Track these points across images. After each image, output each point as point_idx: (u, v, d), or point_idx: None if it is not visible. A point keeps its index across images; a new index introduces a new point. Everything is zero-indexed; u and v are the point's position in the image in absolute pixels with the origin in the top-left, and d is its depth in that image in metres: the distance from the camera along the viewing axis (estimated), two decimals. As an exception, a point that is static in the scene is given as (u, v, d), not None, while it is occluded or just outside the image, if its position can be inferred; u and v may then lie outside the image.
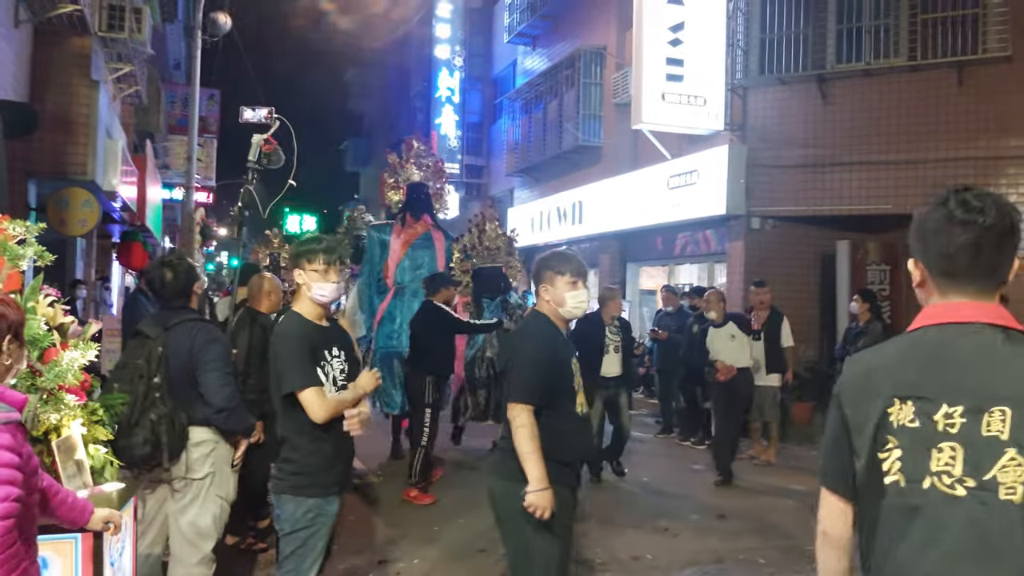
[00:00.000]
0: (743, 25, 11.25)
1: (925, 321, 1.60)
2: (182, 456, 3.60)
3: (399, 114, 28.20)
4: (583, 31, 15.86)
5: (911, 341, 1.60)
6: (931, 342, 1.57)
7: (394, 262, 8.04)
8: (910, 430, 1.52)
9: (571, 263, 3.29)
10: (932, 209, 1.59)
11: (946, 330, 1.57)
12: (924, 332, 1.59)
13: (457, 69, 21.45)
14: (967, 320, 1.56)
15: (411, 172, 8.57)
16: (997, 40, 9.50)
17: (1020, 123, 9.60)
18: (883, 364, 1.60)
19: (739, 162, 10.99)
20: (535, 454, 2.99)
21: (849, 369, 1.67)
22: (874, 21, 10.35)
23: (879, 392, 1.57)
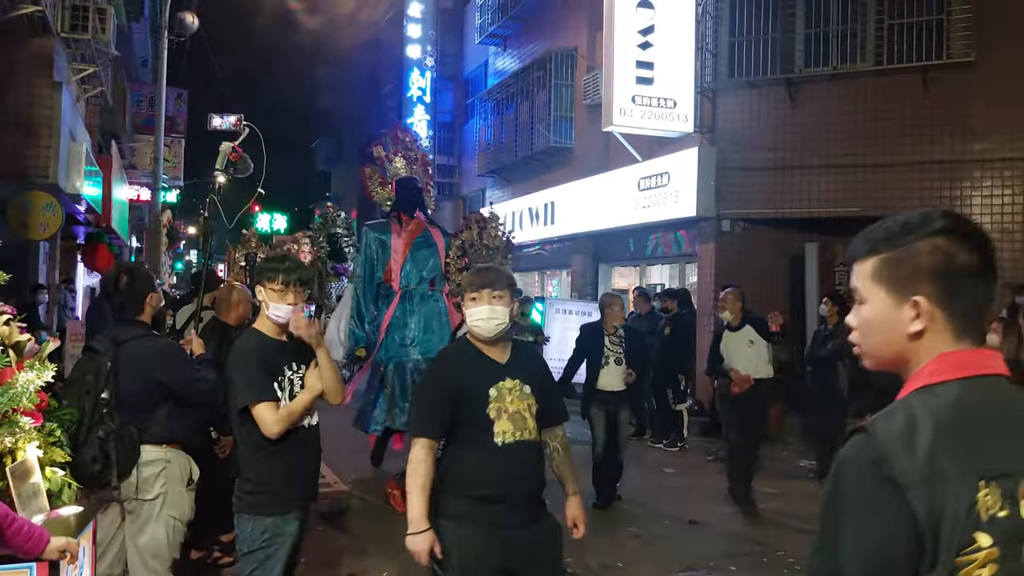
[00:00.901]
0: (712, 28, 11.31)
1: (948, 374, 1.27)
2: (133, 475, 3.51)
3: (370, 113, 28.03)
4: (554, 33, 15.86)
5: (951, 401, 1.25)
6: (980, 401, 1.26)
7: (398, 264, 7.47)
8: (1001, 521, 1.16)
9: (473, 276, 3.08)
10: (935, 231, 1.30)
11: (982, 384, 1.28)
12: (957, 388, 1.26)
13: (428, 69, 21.37)
14: (994, 372, 1.30)
15: (399, 166, 7.97)
16: (961, 45, 9.64)
17: (984, 127, 9.75)
18: (938, 433, 1.20)
19: (709, 164, 11.05)
20: (415, 492, 2.83)
21: (891, 440, 1.22)
22: (841, 26, 10.46)
23: (956, 474, 1.17)
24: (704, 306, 11.36)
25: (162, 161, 16.52)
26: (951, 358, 1.29)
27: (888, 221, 1.35)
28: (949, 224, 1.30)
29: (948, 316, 1.29)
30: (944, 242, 1.29)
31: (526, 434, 2.91)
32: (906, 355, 1.33)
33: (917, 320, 1.29)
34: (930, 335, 1.30)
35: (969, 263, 1.28)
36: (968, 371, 1.27)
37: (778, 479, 8.01)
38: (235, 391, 3.15)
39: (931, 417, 1.21)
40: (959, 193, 9.93)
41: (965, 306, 1.30)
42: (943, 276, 1.28)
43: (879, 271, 1.33)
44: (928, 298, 1.29)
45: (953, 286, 1.29)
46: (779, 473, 8.33)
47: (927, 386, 1.27)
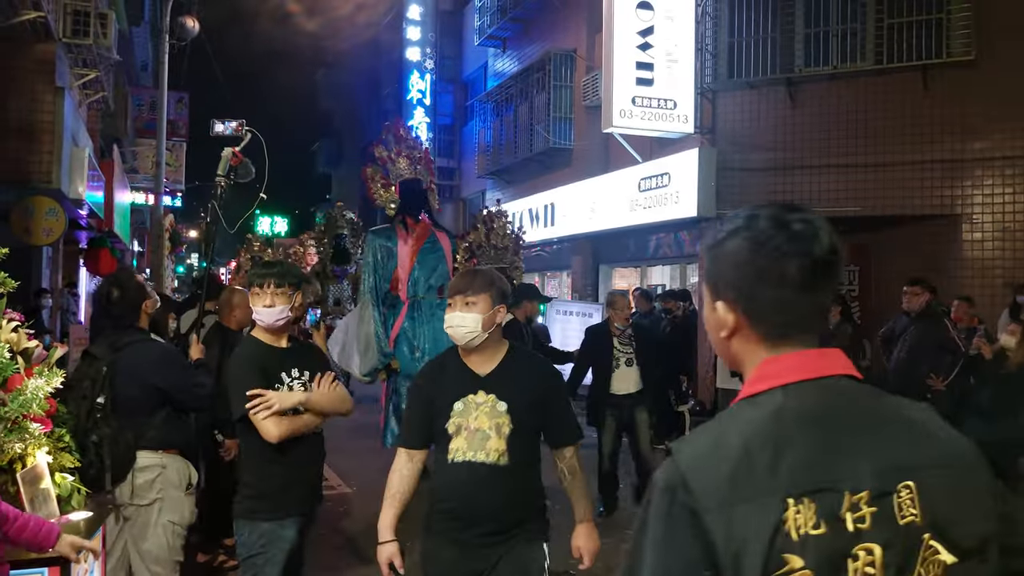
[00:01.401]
0: (712, 29, 11.33)
1: (771, 381, 1.17)
2: (128, 480, 3.52)
3: (369, 116, 28.08)
4: (553, 34, 15.88)
5: (770, 411, 1.14)
6: (801, 408, 1.13)
7: (405, 272, 7.06)
8: (816, 540, 1.06)
9: (452, 280, 2.96)
10: (744, 233, 1.21)
11: (808, 389, 1.16)
12: (780, 396, 1.15)
13: (428, 71, 21.40)
14: (827, 372, 1.18)
15: (402, 166, 7.55)
16: (961, 44, 9.65)
17: (984, 126, 9.76)
18: (745, 450, 1.10)
19: (709, 165, 11.07)
20: (385, 501, 2.82)
21: (693, 461, 1.13)
22: (841, 25, 10.47)
23: (759, 493, 1.07)
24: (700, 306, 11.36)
25: (164, 165, 16.55)
26: (773, 364, 1.20)
27: (727, 224, 1.28)
28: (752, 226, 1.20)
29: (753, 322, 1.21)
30: (742, 245, 1.20)
31: (482, 455, 2.68)
32: (734, 358, 1.27)
33: (726, 323, 1.24)
34: (739, 340, 1.24)
35: (769, 269, 1.17)
36: (793, 376, 1.17)
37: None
38: (232, 399, 3.15)
39: (741, 432, 1.12)
40: (960, 192, 9.94)
41: (773, 313, 1.19)
42: (739, 281, 1.21)
43: (706, 271, 1.29)
44: (727, 303, 1.23)
45: (752, 292, 1.20)
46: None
47: (749, 396, 1.19)
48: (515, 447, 2.69)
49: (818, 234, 1.19)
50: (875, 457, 1.11)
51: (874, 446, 1.12)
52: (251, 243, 13.42)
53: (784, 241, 1.17)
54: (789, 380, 1.17)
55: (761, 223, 1.19)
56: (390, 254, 7.11)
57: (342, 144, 33.51)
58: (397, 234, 7.15)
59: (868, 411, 1.16)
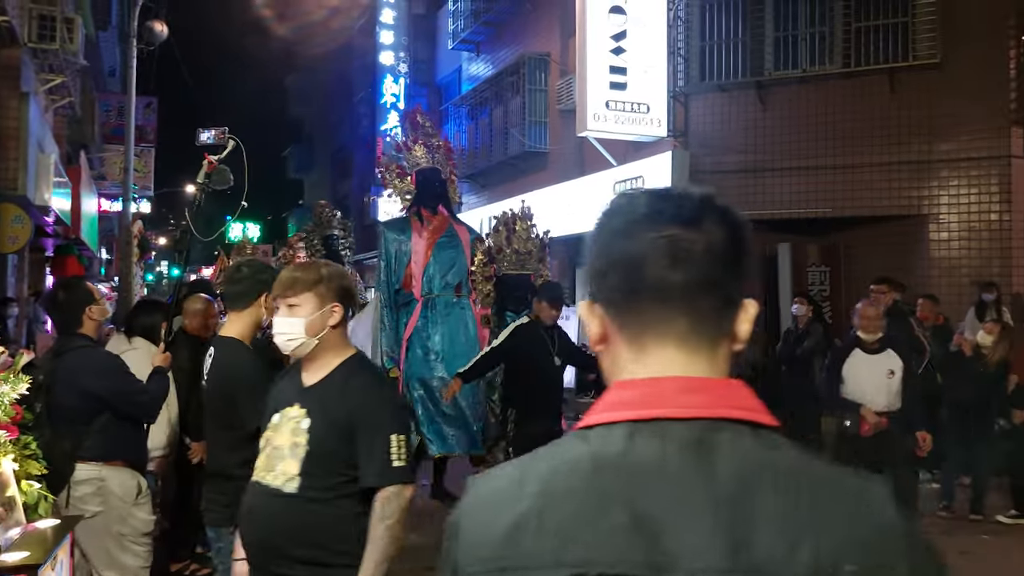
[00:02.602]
0: (684, 33, 11.42)
1: (611, 412, 0.88)
2: (64, 492, 3.42)
3: (342, 120, 27.95)
4: (527, 38, 15.92)
5: (591, 454, 0.86)
6: (633, 458, 0.84)
7: (420, 267, 6.48)
8: None
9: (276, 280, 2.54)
10: (613, 219, 0.95)
11: (657, 433, 0.85)
12: (617, 435, 0.86)
13: (402, 75, 21.35)
14: (683, 415, 0.85)
15: (419, 155, 7.03)
16: (927, 47, 9.81)
17: (949, 127, 9.93)
18: (540, 503, 0.84)
19: (682, 168, 11.14)
20: None
21: (476, 504, 0.90)
22: (809, 29, 10.60)
23: (536, 564, 0.82)
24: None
25: (132, 171, 16.34)
26: (621, 390, 0.90)
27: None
28: (620, 209, 0.95)
29: (621, 326, 0.92)
30: (607, 228, 0.95)
31: (270, 477, 2.31)
32: (607, 378, 0.96)
33: (593, 329, 0.96)
34: (611, 350, 0.94)
35: (655, 262, 0.89)
36: (639, 409, 0.86)
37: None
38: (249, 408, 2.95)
39: (543, 477, 0.86)
40: (927, 193, 10.10)
41: (644, 312, 0.90)
42: (608, 276, 0.93)
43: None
44: (594, 300, 0.95)
45: (620, 289, 0.92)
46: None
47: (584, 427, 0.90)
48: (311, 474, 2.26)
49: (703, 216, 0.91)
50: (712, 550, 0.78)
51: (719, 533, 0.78)
52: (242, 247, 13.12)
53: (651, 222, 0.91)
54: (634, 415, 0.86)
55: (634, 203, 0.94)
56: (404, 248, 6.60)
57: (314, 150, 33.33)
58: (412, 226, 6.64)
59: (737, 480, 0.81)
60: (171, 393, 4.16)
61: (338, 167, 29.36)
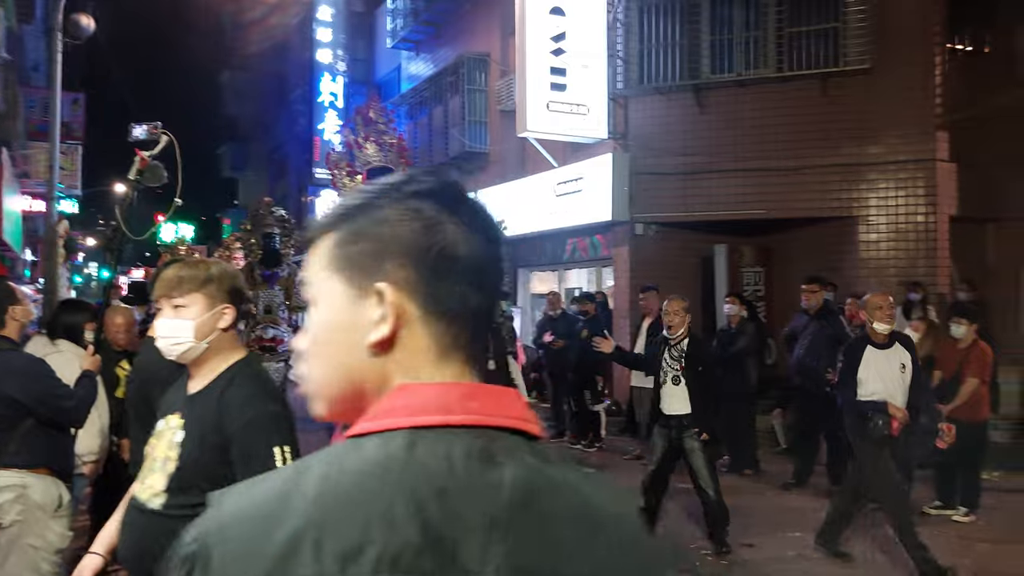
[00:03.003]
0: (622, 36, 11.52)
1: (400, 417, 0.79)
2: None
3: (278, 118, 27.48)
4: (466, 38, 15.88)
5: (375, 464, 0.76)
6: (424, 472, 0.75)
7: None
8: None
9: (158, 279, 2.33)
10: (433, 201, 0.85)
11: (426, 442, 0.77)
12: (401, 444, 0.77)
13: (340, 74, 21.09)
14: (467, 422, 0.80)
15: (371, 152, 6.63)
16: (857, 52, 10.09)
17: (878, 131, 10.24)
18: (315, 523, 0.72)
19: (622, 170, 11.25)
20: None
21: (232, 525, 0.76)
22: (744, 33, 10.81)
23: None
24: (620, 308, 11.56)
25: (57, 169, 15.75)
26: (409, 393, 0.81)
27: (367, 185, 0.91)
28: (437, 186, 0.87)
29: (426, 315, 0.83)
30: (427, 207, 0.85)
31: (140, 490, 2.09)
32: (366, 388, 0.84)
33: (383, 320, 0.82)
34: (402, 348, 0.83)
35: (466, 243, 0.85)
36: (428, 416, 0.79)
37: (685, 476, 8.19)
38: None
39: (316, 489, 0.74)
40: (857, 195, 10.39)
41: (454, 305, 0.84)
42: (420, 253, 0.83)
43: (336, 252, 0.86)
44: (396, 285, 0.83)
45: (435, 271, 0.83)
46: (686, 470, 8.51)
47: (358, 435, 0.80)
48: (178, 491, 2.00)
49: (490, 215, 0.90)
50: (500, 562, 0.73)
51: (506, 546, 0.74)
52: (177, 248, 12.64)
53: (482, 215, 0.88)
54: (416, 421, 0.79)
55: (431, 182, 0.87)
56: None
57: (249, 148, 32.70)
58: None
59: (523, 491, 0.77)
60: (101, 397, 4.02)
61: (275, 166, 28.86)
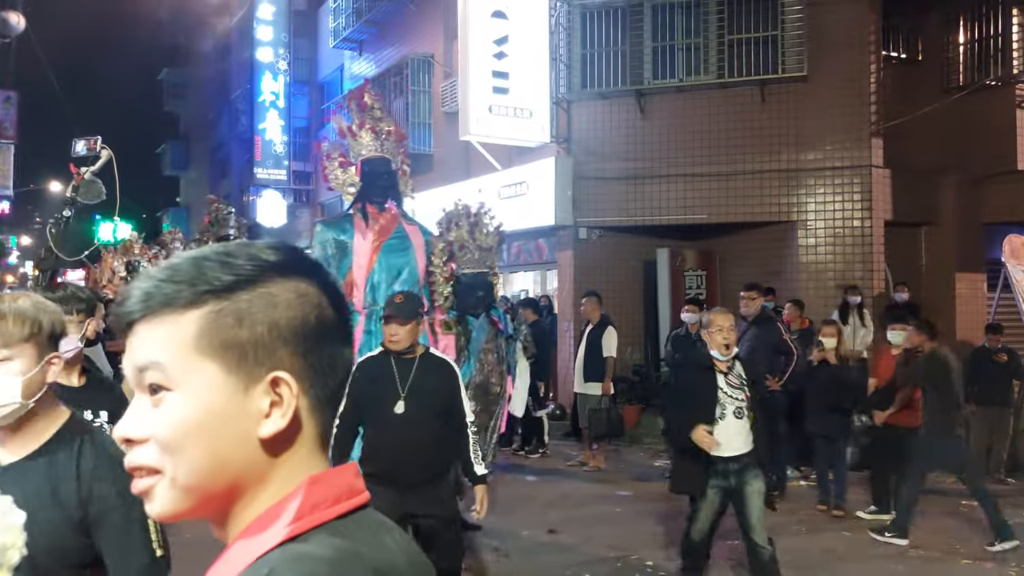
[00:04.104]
0: (565, 40, 11.52)
1: (328, 510, 0.78)
2: None
3: (219, 117, 26.95)
4: (410, 39, 15.72)
5: (331, 560, 0.74)
6: (365, 558, 0.76)
7: (363, 273, 5.59)
8: None
9: None
10: (312, 281, 0.83)
11: (358, 531, 0.79)
12: (333, 538, 0.76)
13: (281, 73, 20.71)
14: (362, 501, 0.82)
15: (365, 142, 6.08)
16: (795, 60, 10.25)
17: (815, 138, 10.42)
18: None
19: (566, 174, 11.25)
20: None
21: None
22: (686, 40, 10.90)
23: None
24: (565, 312, 11.56)
25: (-14, 169, 15.20)
26: (328, 484, 0.79)
27: (210, 253, 0.82)
28: (312, 262, 0.85)
29: (316, 404, 0.81)
30: (309, 287, 0.81)
31: None
32: (245, 482, 0.79)
33: (278, 412, 0.78)
34: (294, 440, 0.79)
35: (337, 324, 0.83)
36: (347, 501, 0.80)
37: (632, 480, 8.24)
38: None
39: None
40: (796, 200, 10.55)
41: (337, 391, 0.83)
42: (311, 340, 0.80)
43: (211, 333, 0.77)
44: (292, 373, 0.78)
45: (322, 356, 0.81)
46: (632, 475, 8.56)
47: (298, 536, 0.76)
48: None
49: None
50: None
51: None
52: (130, 246, 12.12)
53: (335, 287, 0.85)
54: (342, 509, 0.79)
55: (306, 258, 0.84)
56: (344, 251, 5.64)
57: (190, 146, 32.03)
58: (355, 226, 5.70)
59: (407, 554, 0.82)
60: None
61: (216, 166, 28.29)
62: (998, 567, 5.85)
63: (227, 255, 0.81)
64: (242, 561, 0.75)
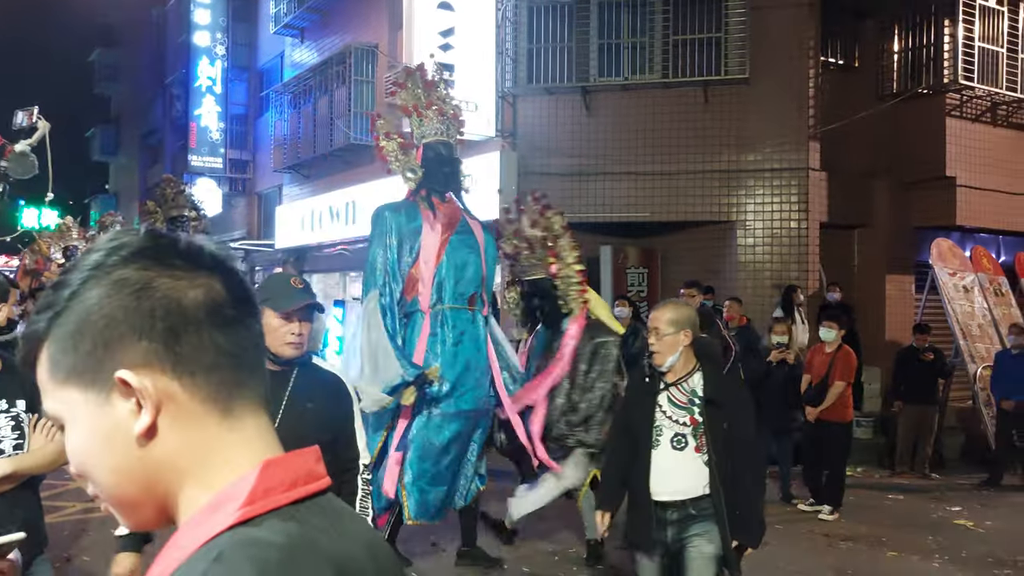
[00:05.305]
0: (512, 34, 11.49)
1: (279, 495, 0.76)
2: None
3: (153, 101, 26.15)
4: (354, 27, 15.49)
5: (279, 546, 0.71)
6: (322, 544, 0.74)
7: (431, 269, 5.09)
8: None
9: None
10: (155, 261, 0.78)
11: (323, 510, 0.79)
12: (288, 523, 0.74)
13: (219, 58, 20.19)
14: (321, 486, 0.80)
15: (433, 124, 5.40)
16: (737, 63, 10.41)
17: (755, 140, 10.61)
18: None
19: (511, 168, 11.21)
20: None
21: None
22: (631, 38, 10.97)
23: None
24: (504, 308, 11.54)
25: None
26: (284, 468, 0.78)
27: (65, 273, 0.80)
28: (138, 246, 0.79)
29: (183, 380, 0.76)
30: (131, 272, 0.77)
31: None
32: (161, 480, 0.77)
33: (140, 408, 0.75)
34: (176, 425, 0.76)
35: (191, 288, 0.78)
36: (305, 486, 0.78)
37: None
38: None
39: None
40: (736, 200, 10.73)
41: (208, 357, 0.77)
42: (143, 323, 0.75)
43: (59, 362, 0.77)
44: (136, 367, 0.75)
45: (169, 332, 0.76)
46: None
47: (249, 520, 0.73)
48: None
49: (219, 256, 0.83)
50: None
51: None
52: (67, 230, 11.54)
53: (185, 259, 0.80)
54: (297, 495, 0.77)
55: (145, 242, 0.80)
56: (415, 240, 5.07)
57: (121, 131, 31.00)
58: (422, 214, 5.17)
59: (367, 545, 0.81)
60: None
61: (148, 152, 27.46)
62: (922, 559, 6.05)
63: (66, 271, 0.79)
64: (190, 545, 0.73)
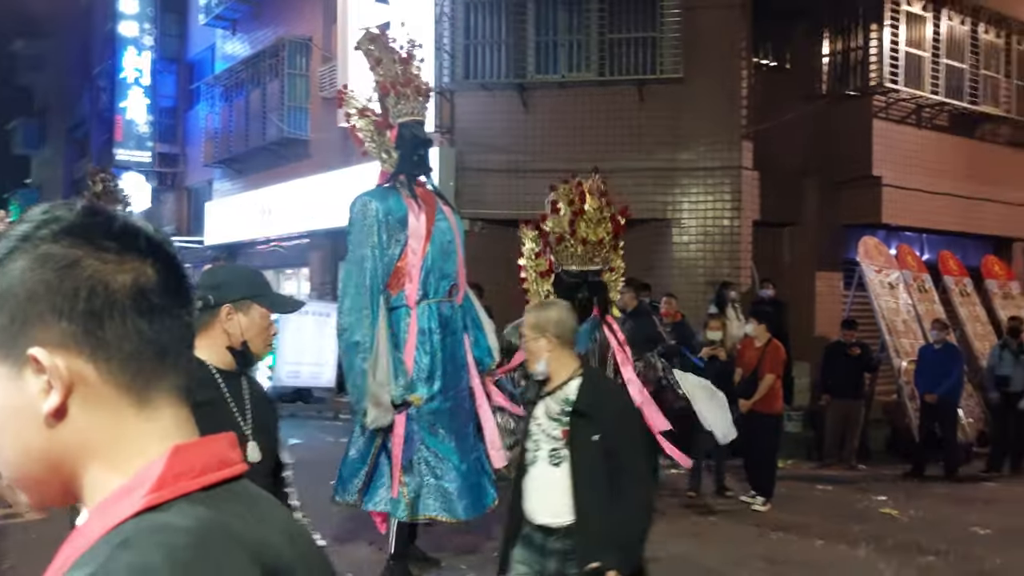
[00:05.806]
0: (449, 30, 11.41)
1: (190, 480, 0.73)
2: None
3: (79, 93, 25.26)
4: (287, 19, 15.21)
5: (186, 532, 0.68)
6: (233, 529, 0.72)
7: (419, 260, 4.70)
8: None
9: None
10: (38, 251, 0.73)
11: (238, 496, 0.77)
12: (199, 509, 0.71)
13: (147, 49, 19.60)
14: (235, 472, 0.78)
15: (408, 101, 4.91)
16: (672, 62, 10.53)
17: (689, 139, 10.76)
18: None
19: (449, 165, 11.14)
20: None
21: None
22: (568, 36, 11.00)
23: None
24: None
25: None
26: (195, 453, 0.75)
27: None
28: (69, 223, 0.75)
29: (99, 364, 0.73)
30: (58, 249, 0.73)
31: None
32: (66, 461, 0.75)
33: (49, 387, 0.72)
34: (88, 408, 0.73)
35: (119, 271, 0.74)
36: (217, 472, 0.75)
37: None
38: None
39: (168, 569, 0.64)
40: (671, 198, 10.86)
41: (130, 343, 0.74)
42: (65, 302, 0.72)
43: None
44: (51, 346, 0.72)
45: (91, 314, 0.73)
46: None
47: (157, 506, 0.70)
48: None
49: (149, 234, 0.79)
50: None
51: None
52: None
53: (118, 240, 0.75)
54: (207, 481, 0.74)
55: (76, 217, 0.76)
56: (402, 230, 4.67)
57: (45, 123, 29.90)
58: (405, 202, 4.76)
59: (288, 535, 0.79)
60: None
61: (74, 145, 26.53)
62: (849, 547, 6.21)
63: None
64: (96, 532, 0.71)
